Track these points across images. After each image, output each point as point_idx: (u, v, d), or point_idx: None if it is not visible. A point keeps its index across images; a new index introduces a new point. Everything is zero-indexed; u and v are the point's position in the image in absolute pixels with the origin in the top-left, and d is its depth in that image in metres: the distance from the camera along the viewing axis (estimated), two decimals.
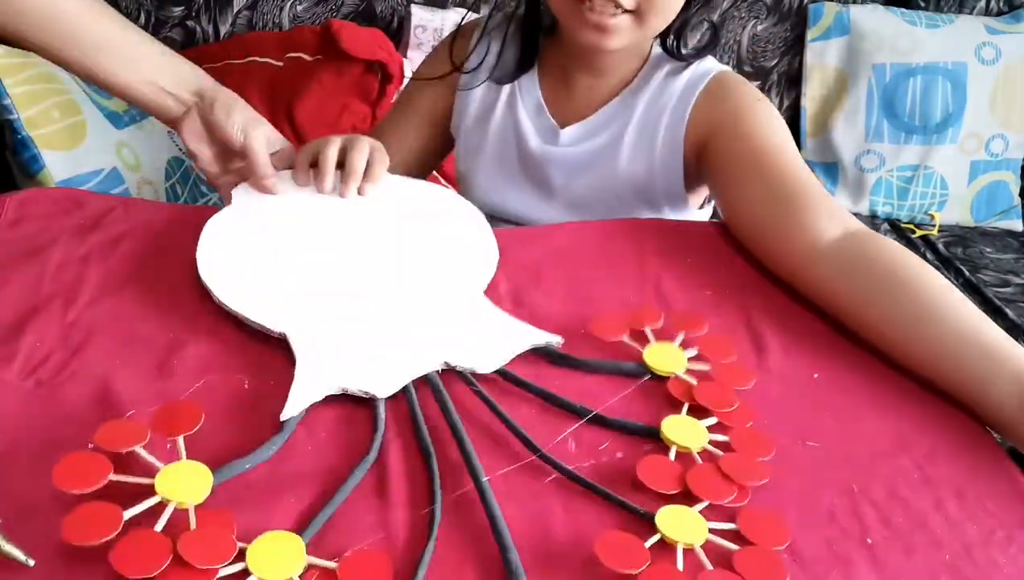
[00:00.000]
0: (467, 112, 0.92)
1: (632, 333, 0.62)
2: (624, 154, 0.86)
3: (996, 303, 1.48)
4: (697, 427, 0.54)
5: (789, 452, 0.54)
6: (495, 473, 0.51)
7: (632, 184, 0.87)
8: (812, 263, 0.68)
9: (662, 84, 0.85)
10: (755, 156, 0.77)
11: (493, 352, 0.59)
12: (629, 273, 0.72)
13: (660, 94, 0.85)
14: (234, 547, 0.43)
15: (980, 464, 0.55)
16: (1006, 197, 1.77)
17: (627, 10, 0.75)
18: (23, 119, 1.11)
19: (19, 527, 0.44)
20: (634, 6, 0.75)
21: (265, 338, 0.60)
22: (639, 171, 0.87)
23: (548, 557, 0.46)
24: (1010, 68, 1.73)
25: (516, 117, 0.89)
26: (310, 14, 1.64)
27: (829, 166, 1.77)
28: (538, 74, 0.89)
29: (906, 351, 0.62)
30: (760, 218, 0.74)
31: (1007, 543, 0.50)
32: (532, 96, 0.89)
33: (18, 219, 0.71)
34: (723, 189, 0.80)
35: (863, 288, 0.65)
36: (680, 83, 0.85)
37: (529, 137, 0.89)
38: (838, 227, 0.70)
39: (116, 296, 0.63)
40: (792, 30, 1.79)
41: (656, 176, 0.86)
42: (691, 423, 0.55)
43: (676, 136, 0.85)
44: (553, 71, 0.89)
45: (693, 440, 0.53)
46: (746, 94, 0.83)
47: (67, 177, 1.14)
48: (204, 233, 0.68)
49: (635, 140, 0.86)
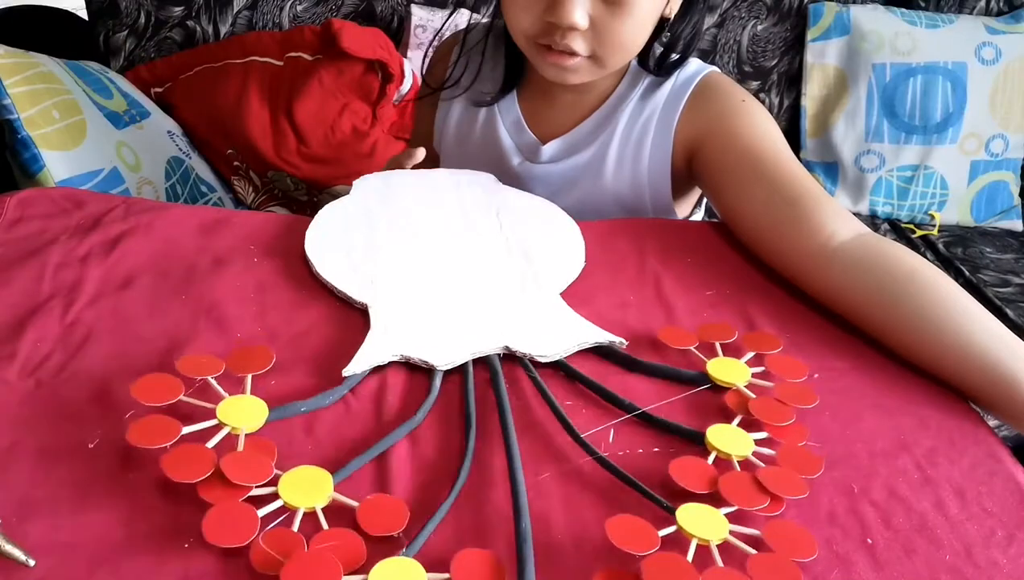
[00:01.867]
0: (447, 130, 0.92)
1: (701, 345, 0.62)
2: (609, 168, 0.85)
3: (996, 303, 1.48)
4: (743, 437, 0.53)
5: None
6: (531, 455, 0.52)
7: (617, 198, 0.86)
8: (826, 264, 0.68)
9: (645, 94, 0.85)
10: (751, 158, 0.76)
11: (554, 343, 0.61)
12: (629, 273, 0.72)
13: (644, 105, 0.84)
14: (270, 472, 0.47)
15: (981, 464, 0.55)
16: (1006, 197, 1.77)
17: (583, 55, 0.75)
18: (23, 119, 1.11)
19: (19, 527, 0.45)
20: (589, 52, 0.75)
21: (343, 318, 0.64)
22: (624, 185, 0.86)
23: (561, 533, 0.47)
24: (1010, 68, 1.73)
25: (496, 135, 0.89)
26: (310, 14, 1.64)
27: (829, 166, 1.77)
28: (516, 89, 0.89)
29: (913, 350, 0.62)
30: (764, 220, 0.74)
31: (1008, 543, 0.50)
32: (511, 113, 0.88)
33: (18, 219, 0.71)
34: (721, 192, 0.80)
35: (874, 287, 0.65)
36: (664, 92, 0.84)
37: (511, 155, 0.88)
38: (848, 228, 0.70)
39: (116, 296, 0.63)
40: (792, 30, 1.79)
41: (643, 189, 0.86)
42: (738, 433, 0.53)
43: (664, 147, 0.84)
44: (533, 86, 0.88)
45: (735, 448, 0.52)
46: (732, 95, 0.82)
47: (67, 177, 1.14)
48: (317, 216, 0.73)
49: (619, 153, 0.85)
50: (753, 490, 0.49)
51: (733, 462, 0.52)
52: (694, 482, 0.50)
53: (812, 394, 0.58)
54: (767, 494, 0.49)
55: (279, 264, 0.69)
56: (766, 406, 0.56)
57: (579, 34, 0.73)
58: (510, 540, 0.46)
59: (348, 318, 0.64)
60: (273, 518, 0.45)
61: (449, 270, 0.69)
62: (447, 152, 0.93)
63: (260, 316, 0.63)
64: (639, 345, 0.63)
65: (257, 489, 0.46)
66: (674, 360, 0.62)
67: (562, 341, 0.61)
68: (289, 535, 0.44)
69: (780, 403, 0.56)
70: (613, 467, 0.51)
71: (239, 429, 0.50)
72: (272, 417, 0.52)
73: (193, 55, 1.56)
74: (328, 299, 0.66)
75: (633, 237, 0.76)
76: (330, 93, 1.51)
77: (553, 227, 0.76)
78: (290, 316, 0.64)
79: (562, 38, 0.73)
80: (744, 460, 0.52)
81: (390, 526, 0.45)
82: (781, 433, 0.54)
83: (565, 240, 0.74)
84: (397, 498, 0.48)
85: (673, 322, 0.66)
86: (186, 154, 1.40)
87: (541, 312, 0.65)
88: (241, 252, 0.70)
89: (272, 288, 0.67)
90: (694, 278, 0.72)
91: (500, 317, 0.63)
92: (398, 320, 0.62)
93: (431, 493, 0.49)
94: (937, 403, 0.60)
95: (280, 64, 1.55)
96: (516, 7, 0.75)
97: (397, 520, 0.46)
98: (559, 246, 0.73)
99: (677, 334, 0.63)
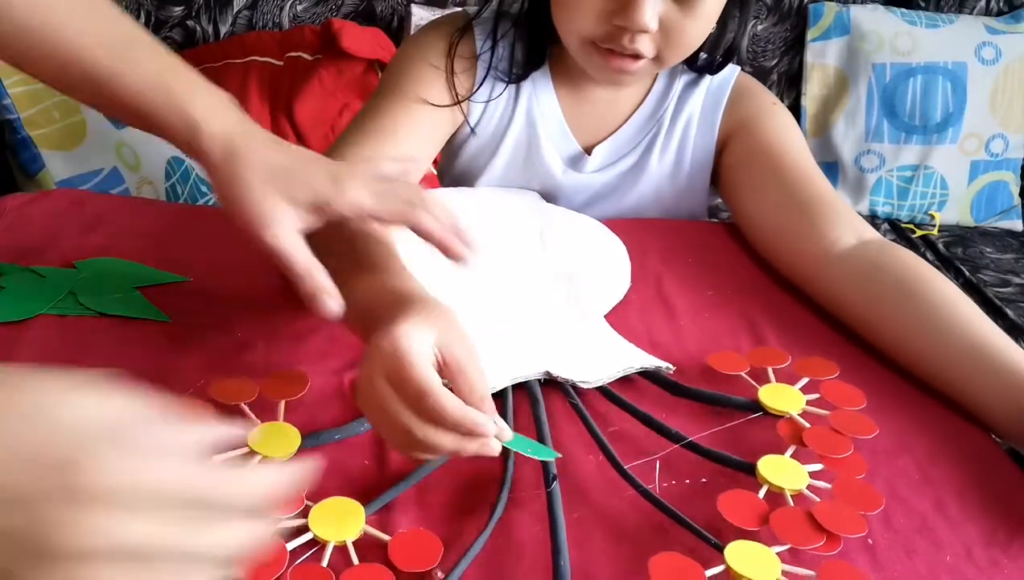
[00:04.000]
0: (481, 124, 0.82)
1: (753, 371, 0.60)
2: (652, 170, 0.83)
3: (996, 303, 1.48)
4: (797, 469, 0.50)
5: None
6: (571, 487, 0.50)
7: (658, 200, 0.84)
8: (826, 268, 0.68)
9: (684, 91, 0.82)
10: (773, 160, 0.76)
11: (597, 369, 0.59)
12: (630, 273, 0.72)
13: (684, 103, 0.82)
14: (301, 503, 0.46)
15: (981, 464, 0.55)
16: (1006, 197, 1.77)
17: (649, 57, 0.71)
18: (23, 119, 1.10)
19: None
20: (655, 54, 0.71)
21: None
22: (666, 186, 0.84)
23: (603, 573, 0.45)
24: (1010, 68, 1.73)
25: (537, 143, 0.82)
26: (310, 14, 1.64)
27: (829, 166, 1.77)
28: (553, 85, 0.82)
29: (914, 359, 0.62)
30: (774, 222, 0.74)
31: (1008, 543, 0.50)
32: (555, 117, 0.82)
33: (19, 219, 0.71)
34: (737, 191, 0.79)
35: (874, 295, 0.65)
36: (702, 90, 0.82)
37: (553, 166, 0.82)
38: (852, 235, 0.70)
39: None
40: (792, 30, 1.79)
41: (682, 190, 0.84)
42: (792, 465, 0.50)
43: (707, 146, 0.82)
44: (567, 81, 0.82)
45: (788, 481, 0.49)
46: (765, 97, 0.82)
47: (67, 177, 1.14)
48: None
49: (663, 155, 0.82)
50: (807, 527, 0.46)
51: (786, 496, 0.49)
52: (744, 518, 0.47)
53: (871, 423, 0.55)
54: (822, 532, 0.46)
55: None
56: (821, 436, 0.53)
57: (648, 36, 0.69)
58: (548, 578, 0.44)
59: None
60: (302, 552, 0.44)
61: (490, 292, 0.67)
62: (475, 145, 0.83)
63: (287, 335, 0.61)
64: (687, 372, 0.60)
65: (287, 521, 0.45)
66: (723, 386, 0.59)
67: (605, 366, 0.59)
68: (319, 571, 0.43)
69: (836, 433, 0.54)
70: (658, 501, 0.48)
71: (270, 458, 0.48)
72: (305, 445, 0.50)
73: (193, 55, 1.56)
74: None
75: (634, 237, 0.76)
76: (330, 93, 1.51)
77: (598, 247, 0.74)
78: (322, 334, 0.61)
79: (631, 42, 0.69)
80: (798, 494, 0.49)
81: (423, 562, 0.44)
82: (837, 465, 0.51)
83: (610, 260, 0.72)
84: (430, 532, 0.46)
85: (673, 321, 0.66)
86: (186, 154, 1.40)
87: (584, 336, 0.62)
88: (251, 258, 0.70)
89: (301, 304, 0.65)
90: (695, 278, 0.72)
91: (542, 341, 0.61)
92: None
93: (467, 525, 0.48)
94: (937, 404, 0.60)
95: (280, 64, 1.55)
96: (576, 8, 0.70)
97: (430, 556, 0.44)
98: (603, 267, 0.71)
99: (727, 359, 0.60)
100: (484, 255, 0.70)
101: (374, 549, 0.45)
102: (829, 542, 0.46)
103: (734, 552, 0.44)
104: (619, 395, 0.57)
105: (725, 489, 0.49)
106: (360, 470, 0.51)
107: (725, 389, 0.59)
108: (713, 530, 0.47)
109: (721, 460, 0.52)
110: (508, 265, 0.70)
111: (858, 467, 0.52)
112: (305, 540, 0.44)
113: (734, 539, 0.45)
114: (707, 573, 0.43)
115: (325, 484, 0.48)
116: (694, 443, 0.53)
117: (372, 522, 0.46)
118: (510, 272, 0.70)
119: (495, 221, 0.76)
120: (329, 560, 0.44)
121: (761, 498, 0.49)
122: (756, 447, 0.54)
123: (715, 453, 0.53)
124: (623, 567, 0.46)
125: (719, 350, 0.63)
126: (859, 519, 0.47)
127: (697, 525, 0.47)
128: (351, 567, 0.43)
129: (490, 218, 0.76)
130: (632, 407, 0.56)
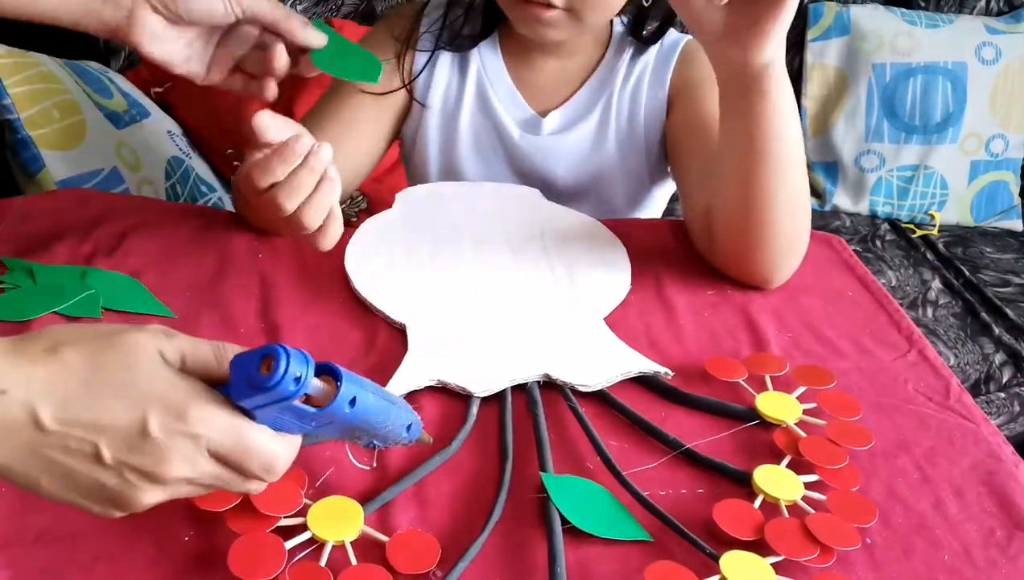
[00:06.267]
0: (432, 97, 0.86)
1: (751, 378, 0.60)
2: (611, 133, 0.86)
3: (996, 303, 1.48)
4: (793, 480, 0.51)
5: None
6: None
7: (623, 163, 0.87)
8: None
9: (632, 58, 0.86)
10: (710, 133, 0.75)
11: (596, 372, 0.59)
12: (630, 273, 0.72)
13: (633, 67, 0.85)
14: (299, 502, 0.46)
15: (980, 464, 0.55)
16: (1006, 197, 1.77)
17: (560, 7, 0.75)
18: (23, 119, 1.10)
19: (20, 525, 0.44)
20: (565, 4, 0.74)
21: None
22: (627, 147, 0.86)
23: (598, 577, 0.46)
24: (1010, 68, 1.73)
25: (490, 108, 0.86)
26: (310, 14, 1.64)
27: (829, 166, 1.77)
28: (503, 57, 0.87)
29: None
30: (696, 200, 0.75)
31: (1006, 543, 0.50)
32: (503, 84, 0.86)
33: (23, 218, 0.71)
34: (672, 159, 0.83)
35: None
36: (652, 54, 0.86)
37: (509, 128, 0.86)
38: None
39: None
40: (792, 30, 1.77)
41: (642, 149, 0.87)
42: (787, 475, 0.51)
43: (658, 103, 0.85)
44: (516, 53, 0.87)
45: (784, 492, 0.50)
46: (711, 68, 0.82)
47: (67, 177, 1.14)
48: (358, 230, 0.72)
49: (619, 116, 0.86)
50: (802, 539, 0.47)
51: (781, 507, 0.49)
52: (739, 528, 0.47)
53: (867, 434, 0.55)
54: (816, 544, 0.47)
55: (321, 280, 0.67)
56: (817, 446, 0.53)
57: None
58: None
59: (384, 338, 0.62)
60: (300, 550, 0.44)
61: (490, 293, 0.67)
62: (429, 130, 0.87)
63: (290, 330, 0.61)
64: (685, 376, 0.60)
65: (286, 519, 0.46)
66: (721, 392, 0.59)
67: (605, 370, 0.59)
68: (316, 570, 0.43)
69: (832, 443, 0.54)
70: (655, 508, 0.49)
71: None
72: (304, 443, 0.50)
73: None
74: (365, 317, 0.64)
75: (633, 237, 0.76)
76: None
77: (599, 247, 0.74)
78: (323, 331, 0.62)
79: None
80: (792, 505, 0.50)
81: (420, 564, 0.44)
82: (833, 477, 0.52)
83: (611, 261, 0.72)
84: (428, 533, 0.46)
85: (673, 321, 0.66)
86: (186, 154, 1.40)
87: (584, 339, 0.63)
88: (252, 255, 0.70)
89: (314, 304, 0.65)
90: (695, 278, 0.72)
91: (541, 343, 0.61)
92: (436, 343, 0.60)
93: (464, 527, 0.48)
94: (937, 403, 0.60)
95: None
96: None
97: (428, 557, 0.44)
98: (604, 268, 0.71)
99: (725, 365, 0.61)
100: (484, 255, 0.71)
101: (372, 549, 0.45)
102: (823, 554, 0.46)
103: (729, 562, 0.45)
104: (617, 399, 0.57)
105: (721, 498, 0.50)
106: (359, 470, 0.51)
107: (723, 395, 0.59)
108: (710, 539, 0.47)
109: (718, 469, 0.53)
110: (508, 266, 0.70)
111: (853, 479, 0.52)
112: (304, 539, 0.45)
113: (730, 549, 0.46)
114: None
115: (324, 482, 0.49)
116: (691, 450, 0.54)
117: (371, 522, 0.47)
118: (510, 273, 0.70)
119: (495, 221, 0.76)
120: (327, 559, 0.44)
121: (756, 508, 0.49)
122: (753, 455, 0.54)
123: (712, 461, 0.53)
124: (619, 573, 0.46)
125: (719, 351, 0.63)
126: (853, 532, 0.48)
127: (692, 534, 0.47)
128: (349, 567, 0.43)
129: (490, 218, 0.77)
130: (630, 412, 0.56)
